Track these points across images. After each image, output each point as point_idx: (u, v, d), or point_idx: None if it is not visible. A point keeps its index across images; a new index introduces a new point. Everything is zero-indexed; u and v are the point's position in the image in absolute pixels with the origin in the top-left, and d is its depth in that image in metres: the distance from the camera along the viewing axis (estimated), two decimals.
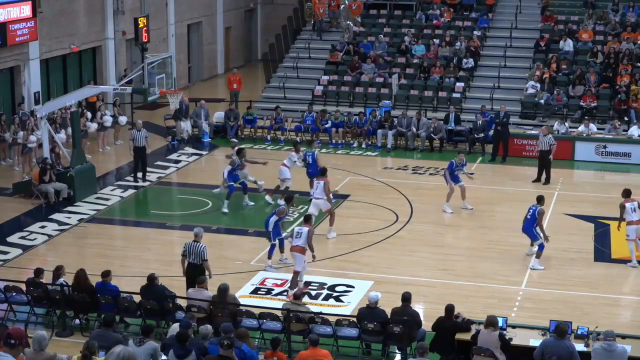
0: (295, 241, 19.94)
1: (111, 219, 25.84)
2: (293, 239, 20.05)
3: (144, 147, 28.31)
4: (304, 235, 19.80)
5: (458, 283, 20.61)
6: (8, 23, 30.02)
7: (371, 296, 16.94)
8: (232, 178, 25.29)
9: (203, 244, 18.76)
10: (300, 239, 19.82)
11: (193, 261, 18.66)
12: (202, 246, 18.68)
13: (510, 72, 37.07)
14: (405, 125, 32.59)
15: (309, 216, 20.89)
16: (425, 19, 41.12)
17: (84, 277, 18.03)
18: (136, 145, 28.16)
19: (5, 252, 22.52)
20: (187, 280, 18.59)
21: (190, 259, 18.69)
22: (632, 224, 21.51)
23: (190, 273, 18.62)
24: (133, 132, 28.55)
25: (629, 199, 21.75)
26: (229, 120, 33.97)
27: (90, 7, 35.42)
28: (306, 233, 19.82)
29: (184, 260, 18.80)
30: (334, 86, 37.17)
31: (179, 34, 42.52)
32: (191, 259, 18.69)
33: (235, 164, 25.05)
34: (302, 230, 19.92)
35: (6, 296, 18.44)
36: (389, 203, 26.16)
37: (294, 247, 19.94)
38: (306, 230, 19.88)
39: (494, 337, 15.23)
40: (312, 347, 14.61)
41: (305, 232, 19.84)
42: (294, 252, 19.93)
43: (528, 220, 21.71)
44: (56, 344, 16.16)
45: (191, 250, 18.69)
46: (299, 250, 19.79)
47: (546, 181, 28.31)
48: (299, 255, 19.78)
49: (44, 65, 33.17)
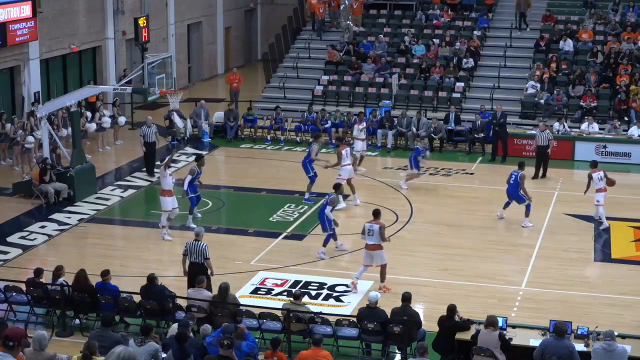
0: (368, 239, 19.90)
1: (111, 219, 25.84)
2: (366, 236, 19.97)
3: (154, 143, 28.71)
4: (376, 232, 19.81)
5: (458, 283, 20.61)
6: (8, 23, 30.02)
7: (371, 296, 16.94)
8: (192, 189, 24.06)
9: (204, 243, 18.77)
10: (373, 237, 19.82)
11: (195, 260, 18.66)
12: (204, 245, 18.69)
13: (510, 72, 37.09)
14: (405, 125, 32.60)
15: (378, 211, 20.61)
16: (425, 19, 41.14)
17: (84, 277, 18.03)
18: (146, 141, 28.54)
19: (5, 252, 22.52)
20: (188, 280, 18.60)
21: (192, 258, 18.70)
22: (600, 191, 24.12)
23: (192, 272, 18.63)
24: (144, 128, 28.86)
25: (596, 169, 24.37)
26: (228, 120, 33.97)
27: (90, 7, 35.43)
28: (378, 230, 19.84)
29: (185, 259, 18.81)
30: (333, 86, 37.18)
31: (179, 34, 42.54)
32: (192, 258, 18.69)
33: (194, 172, 23.94)
34: (374, 228, 19.88)
35: (6, 296, 18.44)
36: (389, 203, 26.15)
37: (370, 246, 19.89)
38: (377, 227, 19.87)
39: (494, 337, 15.23)
40: (314, 347, 14.60)
41: (377, 228, 19.84)
42: (370, 251, 19.92)
43: (512, 185, 24.25)
44: (56, 344, 16.15)
45: (192, 250, 18.70)
46: (376, 248, 19.83)
47: (543, 175, 28.79)
48: (377, 252, 19.86)
49: (44, 65, 33.18)
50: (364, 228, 20.02)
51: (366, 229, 19.96)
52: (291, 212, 25.59)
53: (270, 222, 24.91)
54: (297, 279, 20.72)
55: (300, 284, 20.39)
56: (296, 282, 20.55)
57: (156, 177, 27.66)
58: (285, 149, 32.09)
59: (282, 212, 25.59)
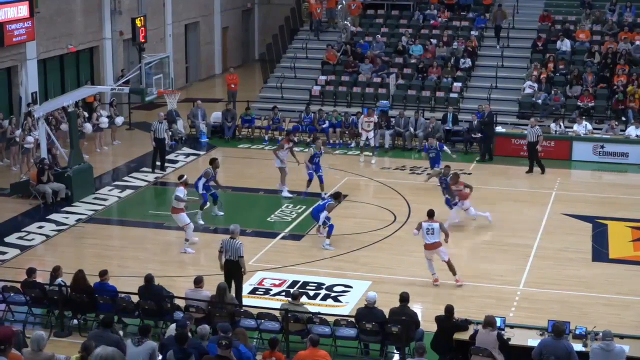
0: (429, 238, 20.14)
1: (109, 219, 25.85)
2: (425, 236, 20.14)
3: (164, 139, 29.22)
4: (436, 230, 20.15)
5: (456, 283, 20.59)
6: (5, 23, 29.99)
7: (369, 296, 16.94)
8: (206, 189, 24.57)
9: (239, 241, 18.88)
10: (434, 236, 20.13)
11: (230, 258, 18.81)
12: (239, 243, 18.83)
13: (508, 72, 37.08)
14: (403, 125, 32.61)
15: (432, 211, 20.88)
16: (423, 19, 41.13)
17: (82, 277, 18.03)
18: (157, 137, 28.88)
19: (3, 253, 22.52)
20: (225, 277, 18.75)
21: (227, 256, 18.84)
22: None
23: (227, 269, 18.84)
24: (155, 123, 29.29)
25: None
26: (226, 120, 33.97)
27: (88, 7, 35.41)
28: (438, 227, 20.19)
29: (221, 256, 18.99)
30: (331, 86, 37.17)
31: (177, 34, 42.52)
32: (228, 256, 18.84)
33: (209, 175, 24.37)
34: (434, 226, 20.21)
35: (4, 296, 18.45)
36: (387, 203, 26.17)
37: (430, 245, 20.17)
38: (437, 225, 20.23)
39: (492, 337, 15.24)
40: (311, 348, 14.60)
41: (437, 226, 20.20)
42: (432, 250, 20.20)
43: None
44: (54, 344, 16.15)
45: (228, 247, 18.83)
46: (437, 245, 20.19)
47: (530, 170, 29.20)
48: (440, 249, 20.23)
49: (42, 65, 33.16)
50: (422, 228, 20.26)
51: (424, 228, 20.23)
52: (289, 212, 25.59)
53: (268, 222, 24.93)
54: (295, 279, 20.74)
55: (298, 284, 20.40)
56: (294, 282, 20.56)
57: (159, 174, 27.94)
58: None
59: (279, 212, 25.59)
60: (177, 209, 22.70)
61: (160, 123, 29.10)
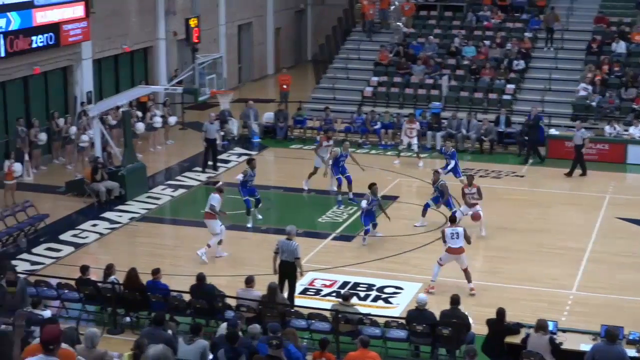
0: (455, 243, 20.02)
1: (162, 218, 26.05)
2: (449, 240, 20.05)
3: (215, 139, 29.32)
4: (461, 235, 20.07)
5: (508, 286, 20.49)
6: (61, 23, 30.35)
7: (420, 298, 16.92)
8: (246, 192, 24.42)
9: (296, 243, 18.92)
10: (459, 240, 20.01)
11: (286, 259, 18.83)
12: (295, 244, 18.85)
13: (562, 74, 36.74)
14: (455, 126, 32.47)
15: (454, 216, 21.01)
16: (476, 20, 40.94)
17: (135, 275, 18.20)
18: (207, 137, 29.00)
19: (58, 250, 22.81)
20: (279, 278, 18.76)
21: (283, 257, 18.86)
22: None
23: (282, 271, 18.87)
24: (206, 124, 29.46)
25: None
26: (278, 120, 34.06)
27: (142, 8, 35.72)
28: (463, 232, 20.12)
29: (276, 257, 18.98)
30: (383, 87, 37.13)
31: (230, 34, 42.72)
32: (284, 257, 18.85)
33: (246, 173, 24.37)
34: (459, 231, 20.11)
35: (59, 293, 18.67)
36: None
37: (456, 250, 20.03)
38: (462, 230, 20.17)
39: (544, 341, 15.13)
40: (362, 349, 14.59)
41: (462, 231, 20.13)
42: (456, 255, 20.08)
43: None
44: (107, 342, 16.28)
45: (284, 248, 18.86)
46: (462, 251, 20.07)
47: (583, 173, 28.97)
48: (463, 256, 20.11)
49: (96, 65, 33.49)
50: (445, 234, 20.13)
51: (448, 233, 20.06)
52: (340, 213, 25.60)
53: (320, 223, 24.97)
54: (346, 280, 20.75)
55: (349, 285, 20.40)
56: (345, 283, 20.57)
57: (212, 174, 28.15)
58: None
59: (331, 213, 25.62)
60: (210, 214, 22.27)
61: (211, 124, 29.25)
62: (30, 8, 28.81)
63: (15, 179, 26.22)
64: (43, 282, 18.97)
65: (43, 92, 31.17)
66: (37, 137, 28.68)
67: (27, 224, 23.75)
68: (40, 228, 24.00)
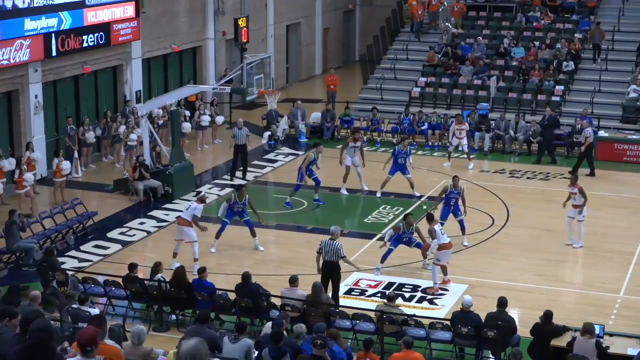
0: (444, 238, 20.26)
1: (208, 217, 26.08)
2: (441, 236, 20.19)
3: (244, 145, 28.73)
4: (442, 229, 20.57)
5: (554, 289, 20.35)
6: (112, 23, 30.64)
7: (465, 300, 16.86)
8: (310, 173, 25.67)
9: (339, 242, 18.94)
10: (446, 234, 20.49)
11: (329, 259, 18.86)
12: (339, 244, 18.87)
13: (612, 76, 36.36)
14: (503, 128, 32.28)
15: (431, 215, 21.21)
16: (525, 21, 40.68)
17: (182, 273, 18.32)
18: (237, 143, 28.59)
19: (105, 247, 23.02)
20: (322, 278, 18.78)
21: (327, 257, 18.89)
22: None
23: (325, 271, 18.91)
24: (234, 129, 28.96)
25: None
26: (325, 120, 34.10)
27: (192, 8, 35.95)
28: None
29: (319, 257, 19.03)
30: (431, 88, 37.02)
31: (278, 34, 42.85)
32: (327, 257, 18.88)
33: (312, 158, 25.62)
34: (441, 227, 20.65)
35: (105, 290, 18.86)
36: (485, 206, 25.92)
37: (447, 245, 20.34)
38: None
39: (591, 344, 15.00)
40: (406, 350, 14.56)
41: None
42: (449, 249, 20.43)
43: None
44: (153, 339, 16.42)
45: (327, 249, 18.88)
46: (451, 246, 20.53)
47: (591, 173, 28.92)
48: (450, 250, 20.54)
49: (146, 64, 33.76)
50: (435, 232, 20.34)
51: (437, 231, 20.32)
52: (386, 213, 25.57)
53: (366, 224, 24.95)
54: (391, 280, 20.72)
55: (394, 285, 20.38)
56: (390, 283, 20.54)
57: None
58: (381, 150, 32.02)
59: (377, 214, 25.60)
60: (187, 221, 21.67)
61: (240, 129, 28.62)
62: (81, 8, 29.14)
63: (64, 176, 26.56)
64: (90, 279, 19.18)
65: (93, 91, 31.50)
66: (85, 136, 28.95)
67: (76, 222, 24.01)
68: (89, 226, 24.24)
